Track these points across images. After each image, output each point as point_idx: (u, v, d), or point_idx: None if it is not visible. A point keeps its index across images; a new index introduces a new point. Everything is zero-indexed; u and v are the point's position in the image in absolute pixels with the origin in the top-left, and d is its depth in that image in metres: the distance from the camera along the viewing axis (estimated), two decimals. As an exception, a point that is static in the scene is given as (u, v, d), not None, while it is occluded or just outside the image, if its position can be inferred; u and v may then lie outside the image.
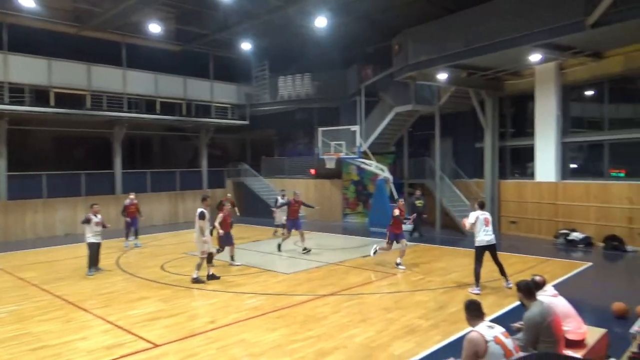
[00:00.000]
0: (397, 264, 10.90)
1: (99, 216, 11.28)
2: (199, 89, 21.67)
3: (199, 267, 9.97)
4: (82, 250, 11.64)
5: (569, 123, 14.94)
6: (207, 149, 23.34)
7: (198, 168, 23.23)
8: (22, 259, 13.09)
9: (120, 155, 19.88)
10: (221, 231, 11.05)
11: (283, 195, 15.99)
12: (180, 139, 24.90)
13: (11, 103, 16.07)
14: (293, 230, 13.19)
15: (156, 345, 6.42)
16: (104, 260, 12.63)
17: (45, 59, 17.03)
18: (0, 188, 16.71)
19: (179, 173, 22.14)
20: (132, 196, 14.86)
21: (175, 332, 6.92)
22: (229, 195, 17.59)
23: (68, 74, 17.59)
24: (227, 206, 12.04)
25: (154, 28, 18.27)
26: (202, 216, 9.94)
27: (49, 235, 17.51)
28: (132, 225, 14.61)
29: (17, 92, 16.25)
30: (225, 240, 11.30)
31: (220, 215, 11.38)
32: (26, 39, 16.61)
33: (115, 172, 19.75)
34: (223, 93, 22.62)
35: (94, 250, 11.02)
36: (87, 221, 11.00)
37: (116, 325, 7.27)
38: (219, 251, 11.22)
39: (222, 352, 6.15)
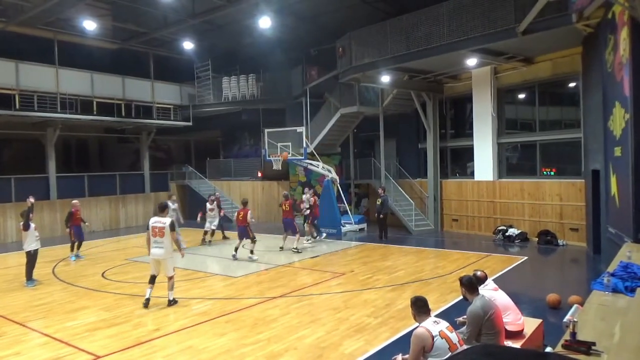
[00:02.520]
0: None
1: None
2: (139, 89, 20.91)
3: (172, 287, 8.45)
4: (12, 260, 10.95)
5: (504, 124, 15.72)
6: (149, 151, 22.56)
7: (140, 171, 22.42)
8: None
9: (54, 158, 18.80)
10: None
11: (212, 200, 15.80)
12: (120, 141, 23.93)
13: None
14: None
15: (98, 357, 6.13)
16: (39, 269, 11.93)
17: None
18: None
19: (119, 176, 21.24)
20: (75, 202, 13.87)
21: (118, 342, 6.64)
22: (174, 197, 16.99)
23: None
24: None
25: (89, 25, 17.44)
26: (173, 227, 8.31)
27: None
28: (79, 235, 13.41)
29: None
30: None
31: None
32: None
33: (49, 176, 18.65)
34: (165, 93, 21.96)
35: (35, 258, 10.34)
36: (28, 227, 10.28)
37: (54, 338, 6.87)
38: None
39: (169, 361, 5.97)
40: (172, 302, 8.36)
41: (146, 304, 8.25)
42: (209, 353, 6.16)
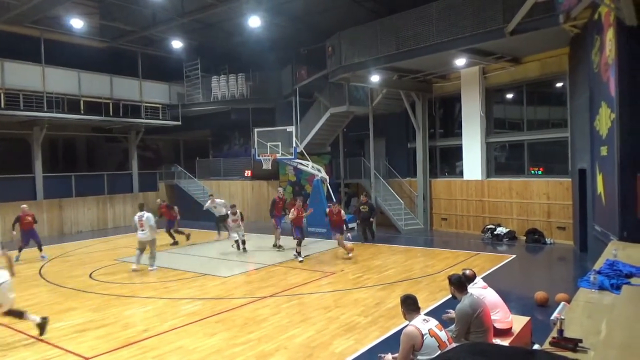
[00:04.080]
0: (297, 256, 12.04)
1: None
2: (127, 88, 20.72)
3: (154, 257, 11.44)
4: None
5: (493, 124, 15.85)
6: (137, 151, 22.37)
7: (128, 171, 22.23)
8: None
9: (40, 158, 18.55)
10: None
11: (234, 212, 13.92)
12: (108, 140, 23.71)
13: None
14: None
15: (86, 358, 6.08)
16: (25, 270, 11.83)
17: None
18: None
19: (107, 176, 21.02)
20: (24, 206, 13.55)
21: (107, 343, 6.58)
22: (162, 201, 16.85)
23: (-22, 71, 16.20)
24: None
25: (76, 23, 17.24)
26: (150, 220, 11.12)
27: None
28: (32, 237, 13.22)
29: None
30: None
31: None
32: None
33: (35, 175, 18.41)
34: (153, 92, 21.78)
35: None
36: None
37: (40, 340, 6.79)
38: None
39: (159, 361, 5.94)
40: (152, 269, 11.26)
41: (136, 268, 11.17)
42: (199, 353, 6.14)
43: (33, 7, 15.41)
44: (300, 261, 11.75)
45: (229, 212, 13.73)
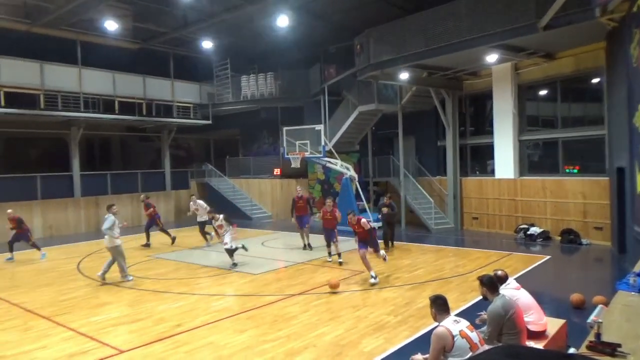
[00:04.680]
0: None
1: None
2: (160, 88, 21.18)
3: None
4: (38, 256, 11.20)
5: (525, 121, 15.49)
6: (169, 150, 22.85)
7: (161, 169, 22.72)
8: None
9: (78, 156, 19.19)
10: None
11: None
12: (141, 139, 24.29)
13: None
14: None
15: (122, 351, 6.26)
16: (66, 265, 12.25)
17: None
18: (-52, 193, 15.86)
19: (141, 174, 21.55)
20: (9, 211, 13.59)
21: (141, 337, 6.77)
22: (146, 196, 16.25)
23: (19, 73, 16.80)
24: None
25: (110, 25, 17.71)
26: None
27: (3, 241, 16.70)
28: (22, 239, 13.34)
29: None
30: None
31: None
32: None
33: (73, 174, 19.05)
34: (184, 92, 22.19)
35: None
36: None
37: (79, 332, 7.04)
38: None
39: (190, 356, 6.06)
40: (127, 280, 10.30)
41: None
42: (230, 349, 6.24)
43: (69, 10, 15.92)
44: (329, 261, 11.67)
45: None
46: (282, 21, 16.72)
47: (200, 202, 14.87)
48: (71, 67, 18.28)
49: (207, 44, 20.39)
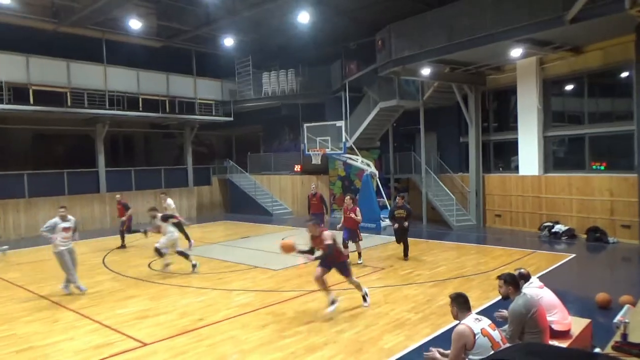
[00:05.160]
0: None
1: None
2: (182, 86, 21.45)
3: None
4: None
5: (551, 117, 15.17)
6: (192, 146, 23.14)
7: (183, 165, 23.04)
8: (5, 260, 12.86)
9: (103, 153, 19.59)
10: None
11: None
12: (165, 136, 24.66)
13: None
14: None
15: (145, 344, 6.39)
16: (91, 259, 12.52)
17: (23, 55, 16.69)
18: (-20, 188, 16.39)
19: (164, 171, 21.90)
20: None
21: (164, 330, 6.89)
22: (120, 196, 15.29)
23: (47, 71, 17.24)
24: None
25: (135, 24, 18.01)
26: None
27: (32, 235, 17.22)
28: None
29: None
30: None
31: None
32: (3, 36, 16.24)
33: (99, 170, 19.47)
34: (207, 89, 22.42)
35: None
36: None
37: (104, 325, 7.21)
38: None
39: (212, 350, 6.15)
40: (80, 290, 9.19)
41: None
42: (250, 343, 6.30)
43: (95, 9, 16.22)
44: (359, 262, 10.79)
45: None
46: (303, 17, 16.75)
47: (170, 201, 13.80)
48: (97, 65, 18.66)
49: (228, 41, 20.54)
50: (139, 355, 6.04)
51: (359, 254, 11.06)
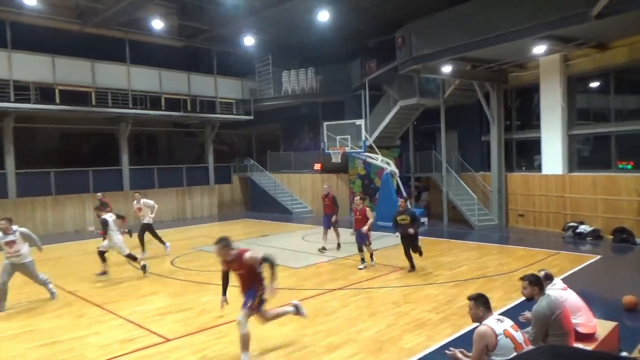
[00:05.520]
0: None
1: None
2: (203, 85, 21.68)
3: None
4: (94, 247, 11.70)
5: (575, 115, 14.86)
6: (212, 145, 23.36)
7: (204, 164, 23.29)
8: (32, 255, 13.13)
9: (126, 151, 19.95)
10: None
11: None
12: (186, 135, 24.96)
13: (16, 101, 16.14)
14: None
15: (167, 340, 6.49)
16: (116, 256, 12.72)
17: (49, 56, 17.09)
18: (9, 185, 16.82)
19: (185, 169, 22.18)
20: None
21: (185, 327, 6.99)
22: (102, 195, 15.12)
23: (72, 71, 17.64)
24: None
25: (157, 24, 18.28)
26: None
27: (59, 231, 17.64)
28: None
29: (22, 90, 16.33)
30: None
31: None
32: (30, 37, 16.65)
33: (122, 168, 19.83)
34: (227, 88, 22.62)
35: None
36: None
37: (128, 320, 7.35)
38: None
39: (232, 347, 6.20)
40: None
41: None
42: (270, 341, 6.34)
43: (119, 10, 16.52)
44: (360, 268, 10.35)
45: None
46: (323, 16, 16.75)
47: (146, 200, 12.81)
48: (120, 65, 18.99)
49: (248, 40, 20.66)
50: (161, 351, 6.13)
51: (371, 255, 10.64)
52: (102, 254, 10.25)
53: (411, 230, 9.80)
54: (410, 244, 10.07)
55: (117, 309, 7.96)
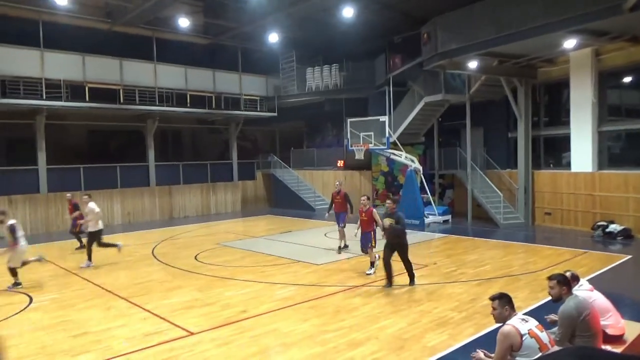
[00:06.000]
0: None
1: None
2: (228, 82, 21.88)
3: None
4: (121, 241, 11.94)
5: (606, 111, 14.44)
6: (236, 141, 23.58)
7: (228, 160, 23.52)
8: (63, 249, 13.58)
9: (153, 148, 20.32)
10: None
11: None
12: (211, 131, 25.25)
13: (48, 99, 16.60)
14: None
15: (192, 333, 6.60)
16: (141, 250, 12.99)
17: (79, 54, 17.52)
18: (41, 181, 17.34)
19: (210, 165, 22.46)
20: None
21: (209, 321, 7.09)
22: (72, 195, 13.92)
23: (101, 69, 18.03)
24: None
25: (183, 22, 18.52)
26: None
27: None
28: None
29: (53, 88, 16.78)
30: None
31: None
32: (61, 36, 17.04)
33: (149, 164, 20.20)
34: (251, 85, 22.78)
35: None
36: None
37: (153, 314, 7.50)
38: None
39: (255, 341, 6.27)
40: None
41: None
42: (292, 337, 6.38)
43: (147, 9, 16.80)
44: (368, 274, 9.63)
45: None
46: (347, 12, 16.70)
47: (93, 205, 11.29)
48: (147, 63, 19.32)
49: (273, 37, 20.73)
50: (186, 344, 6.24)
51: (372, 263, 9.78)
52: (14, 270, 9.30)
53: (387, 223, 8.42)
54: (400, 254, 8.66)
55: (143, 302, 8.13)
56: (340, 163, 21.94)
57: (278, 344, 6.18)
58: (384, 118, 17.51)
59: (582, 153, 14.56)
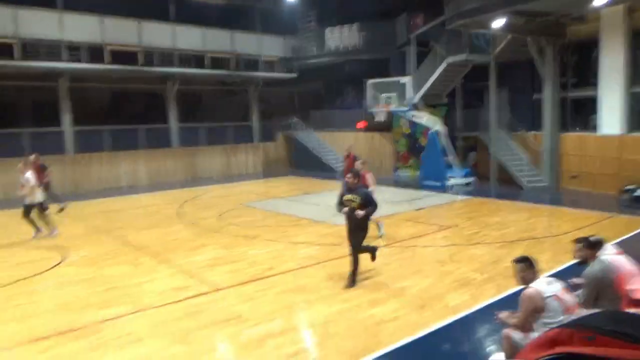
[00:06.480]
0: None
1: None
2: (247, 43, 21.62)
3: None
4: (147, 201, 12.21)
5: (638, 72, 13.89)
6: (256, 103, 23.49)
7: (248, 122, 23.51)
8: (91, 208, 13.96)
9: (174, 110, 20.43)
10: None
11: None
12: (230, 93, 25.18)
13: (69, 61, 16.67)
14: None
15: (219, 289, 6.81)
16: (165, 209, 13.26)
17: (97, 16, 17.44)
18: (67, 142, 17.67)
19: (231, 127, 22.52)
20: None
21: (235, 277, 7.29)
22: (37, 157, 12.42)
23: (120, 31, 18.00)
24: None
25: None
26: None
27: (114, 186, 18.46)
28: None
29: (74, 50, 16.82)
30: None
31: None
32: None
33: (170, 126, 20.37)
34: (270, 46, 22.48)
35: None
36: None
37: (181, 270, 7.74)
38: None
39: (279, 297, 6.44)
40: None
41: None
42: (315, 294, 6.54)
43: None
44: (380, 236, 9.42)
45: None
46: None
47: (28, 175, 10.11)
48: (165, 24, 19.16)
49: (291, -4, 20.29)
50: (212, 299, 6.45)
51: (377, 225, 9.42)
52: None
53: (360, 212, 6.86)
54: (352, 240, 7.06)
55: (170, 259, 8.38)
56: (360, 125, 21.75)
57: (302, 300, 6.34)
58: (406, 79, 17.20)
59: (611, 115, 14.13)
